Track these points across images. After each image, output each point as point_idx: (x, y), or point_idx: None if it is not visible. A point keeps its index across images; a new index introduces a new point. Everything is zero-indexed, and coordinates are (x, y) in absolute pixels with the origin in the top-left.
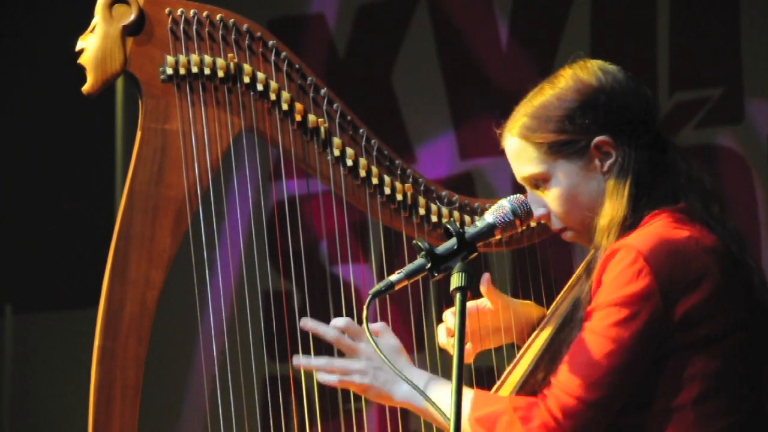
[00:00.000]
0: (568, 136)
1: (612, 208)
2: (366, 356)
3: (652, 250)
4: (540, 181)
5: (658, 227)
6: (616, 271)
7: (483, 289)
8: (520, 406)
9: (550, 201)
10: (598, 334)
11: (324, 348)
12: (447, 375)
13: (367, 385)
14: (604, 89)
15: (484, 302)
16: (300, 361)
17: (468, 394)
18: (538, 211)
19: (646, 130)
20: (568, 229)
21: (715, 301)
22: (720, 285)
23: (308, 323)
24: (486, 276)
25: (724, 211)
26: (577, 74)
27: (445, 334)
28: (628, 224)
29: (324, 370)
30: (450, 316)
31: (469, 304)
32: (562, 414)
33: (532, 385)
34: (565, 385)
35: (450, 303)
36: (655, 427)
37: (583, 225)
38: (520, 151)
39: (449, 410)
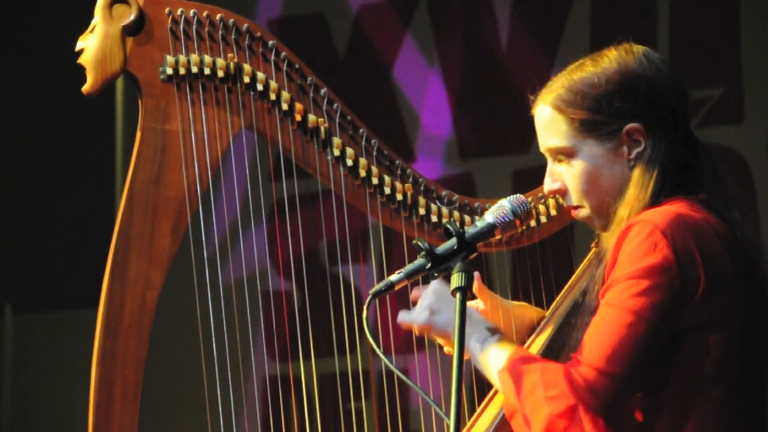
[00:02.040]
0: (602, 117)
1: (635, 199)
2: (434, 293)
3: (669, 224)
4: (564, 156)
5: (673, 207)
6: (633, 245)
7: (474, 287)
8: (548, 369)
9: (570, 177)
10: (617, 306)
11: (324, 348)
12: (447, 375)
13: (431, 324)
14: (646, 77)
15: (471, 304)
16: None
17: (508, 350)
18: (553, 185)
19: (680, 125)
20: (582, 208)
21: (724, 284)
22: (729, 270)
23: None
24: (476, 274)
25: (744, 217)
26: (622, 57)
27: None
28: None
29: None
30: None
31: (469, 304)
32: (583, 385)
33: None
34: (587, 358)
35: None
36: (657, 408)
37: (598, 207)
38: (550, 122)
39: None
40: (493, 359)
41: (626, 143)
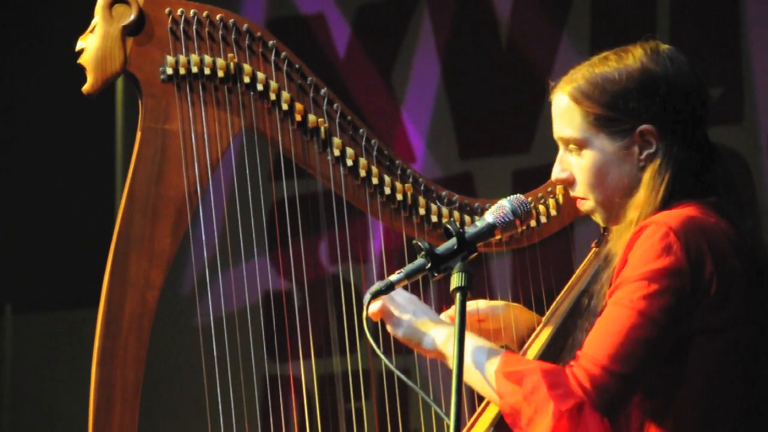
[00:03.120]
0: (617, 115)
1: (645, 203)
2: (406, 298)
3: (683, 226)
4: (575, 146)
5: (686, 210)
6: (646, 246)
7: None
8: (549, 371)
9: (578, 169)
10: (626, 306)
11: (325, 348)
12: (447, 375)
13: (402, 318)
14: (667, 80)
15: (482, 304)
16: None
17: (498, 352)
18: (561, 174)
19: (696, 130)
20: (587, 200)
21: (736, 289)
22: (740, 275)
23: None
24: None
25: (756, 226)
26: (647, 56)
27: None
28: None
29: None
30: (447, 320)
31: (469, 305)
32: (589, 383)
33: None
34: (592, 356)
35: (450, 303)
36: (663, 411)
37: (602, 202)
38: (566, 111)
39: (469, 367)
40: (477, 356)
41: (638, 143)
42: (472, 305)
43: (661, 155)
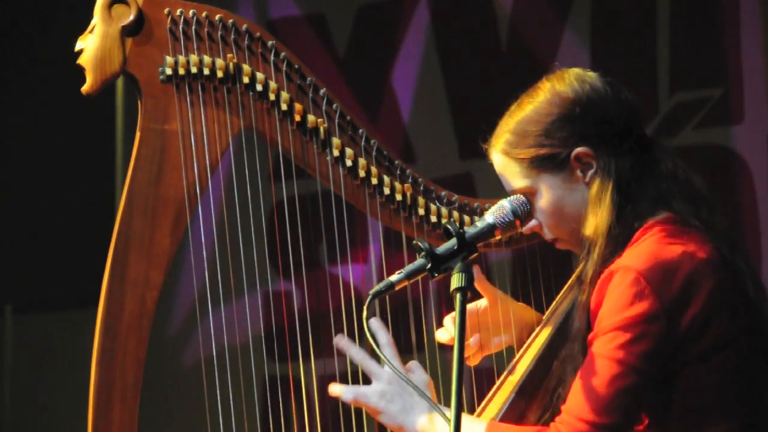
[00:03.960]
0: (548, 150)
1: (594, 218)
2: (388, 380)
3: (651, 269)
4: (528, 195)
5: (650, 244)
6: (617, 293)
7: (474, 280)
8: None
9: (539, 213)
10: (605, 357)
11: (324, 349)
12: (447, 375)
13: (381, 409)
14: (580, 101)
15: (483, 302)
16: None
17: (481, 425)
18: (531, 223)
19: (627, 137)
20: (559, 240)
21: (715, 313)
22: (717, 297)
23: (341, 342)
24: (475, 267)
25: (714, 213)
26: (554, 87)
27: (447, 336)
28: (617, 235)
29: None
30: (450, 323)
31: (470, 305)
32: None
33: (520, 405)
34: (576, 411)
35: (450, 303)
36: None
37: (571, 235)
38: (504, 167)
39: None
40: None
41: (578, 168)
42: (471, 306)
43: (600, 169)
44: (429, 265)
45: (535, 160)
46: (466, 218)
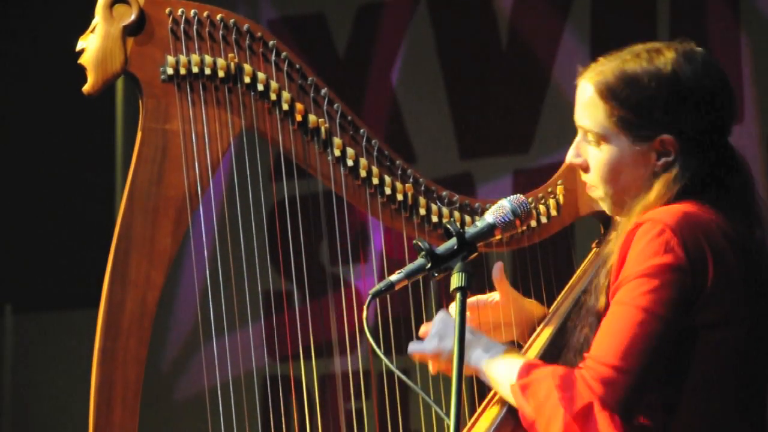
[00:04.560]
0: (641, 121)
1: (648, 199)
2: (441, 321)
3: (679, 222)
4: (594, 139)
5: (681, 206)
6: (643, 243)
7: (495, 277)
8: (559, 376)
9: (594, 160)
10: (629, 304)
11: (324, 348)
12: (447, 375)
13: (439, 350)
14: (696, 90)
15: (485, 297)
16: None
17: (518, 362)
18: (576, 159)
19: (717, 141)
20: (597, 189)
21: (732, 284)
22: (736, 271)
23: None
24: (499, 265)
25: (765, 241)
26: (679, 63)
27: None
28: None
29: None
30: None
31: (470, 300)
32: (598, 384)
33: None
34: (599, 356)
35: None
36: (664, 408)
37: (611, 196)
38: (590, 103)
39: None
40: (501, 371)
41: (657, 150)
42: (472, 301)
43: (678, 166)
44: (429, 265)
45: (624, 120)
46: (467, 218)
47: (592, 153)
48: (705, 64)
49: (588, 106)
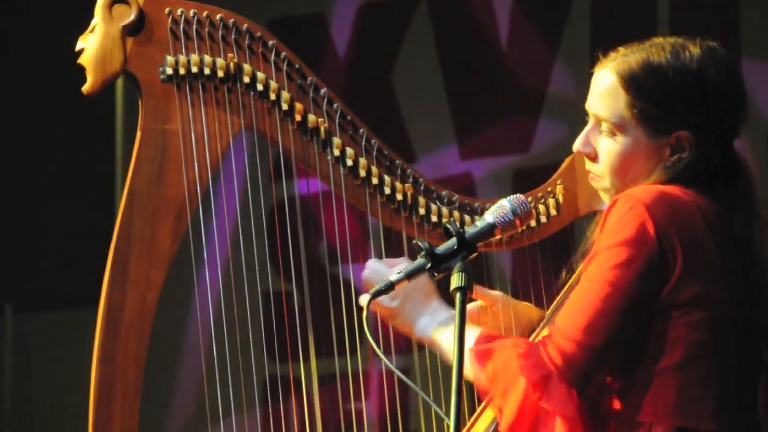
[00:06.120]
0: (662, 114)
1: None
2: (414, 285)
3: (654, 199)
4: (608, 129)
5: (661, 186)
6: (616, 217)
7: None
8: (520, 346)
9: (605, 151)
10: (596, 278)
11: (324, 348)
12: (447, 375)
13: (398, 311)
14: (718, 90)
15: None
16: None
17: (475, 330)
18: (584, 148)
19: (728, 140)
20: (602, 180)
21: (705, 265)
22: (712, 253)
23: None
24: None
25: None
26: (704, 61)
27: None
28: None
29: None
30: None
31: (470, 305)
32: (559, 357)
33: None
34: (562, 329)
35: (450, 303)
36: (635, 390)
37: (617, 188)
38: (610, 92)
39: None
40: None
41: (671, 145)
42: (473, 306)
43: (691, 162)
44: (429, 265)
45: (645, 113)
46: (467, 218)
47: (603, 143)
48: (727, 64)
49: (607, 95)
